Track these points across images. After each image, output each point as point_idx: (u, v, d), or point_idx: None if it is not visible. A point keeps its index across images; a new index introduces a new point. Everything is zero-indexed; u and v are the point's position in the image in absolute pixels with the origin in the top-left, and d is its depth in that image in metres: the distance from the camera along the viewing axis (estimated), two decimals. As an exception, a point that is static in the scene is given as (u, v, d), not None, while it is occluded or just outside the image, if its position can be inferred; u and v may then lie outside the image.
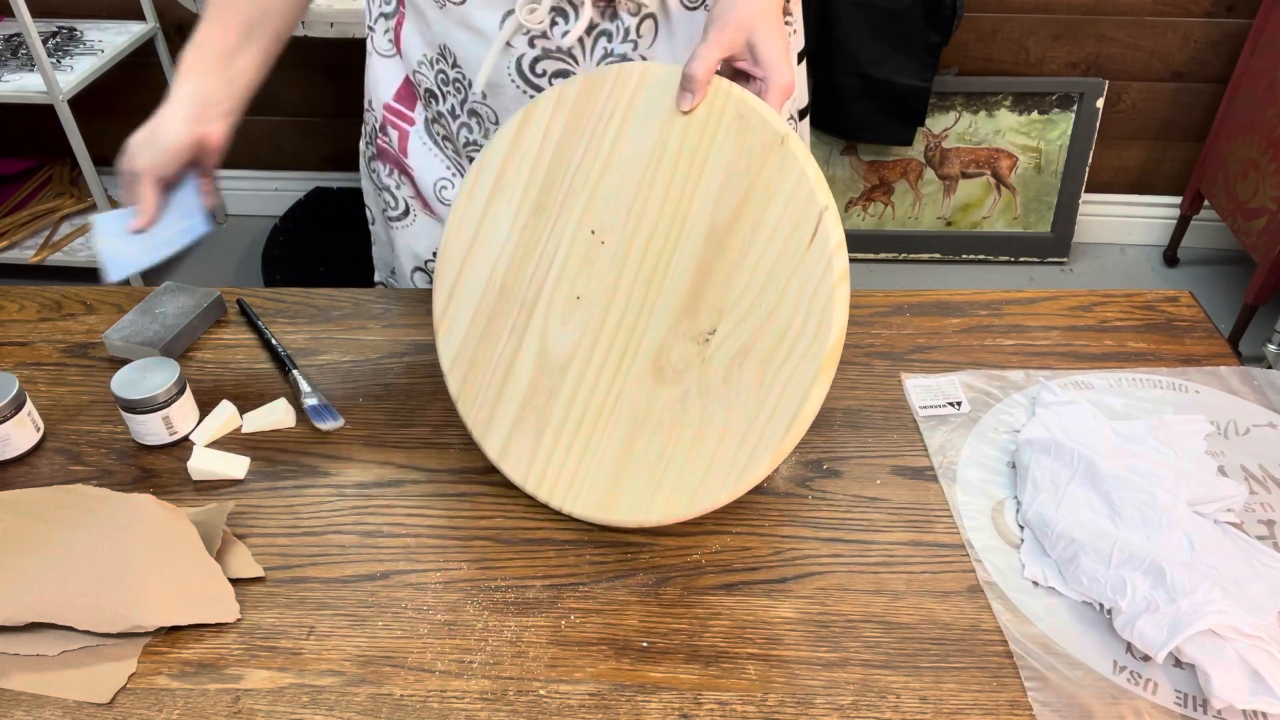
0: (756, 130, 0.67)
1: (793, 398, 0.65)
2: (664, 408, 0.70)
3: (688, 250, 0.69)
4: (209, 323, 0.98)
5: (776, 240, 0.65)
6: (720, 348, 0.68)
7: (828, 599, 0.70)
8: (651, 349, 0.70)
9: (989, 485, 0.78)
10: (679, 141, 0.69)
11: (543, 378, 0.75)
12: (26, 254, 2.37)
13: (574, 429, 0.73)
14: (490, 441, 0.78)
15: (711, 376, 0.68)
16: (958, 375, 0.88)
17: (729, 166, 0.67)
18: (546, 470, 0.75)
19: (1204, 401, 0.84)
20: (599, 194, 0.73)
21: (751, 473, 0.67)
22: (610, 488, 0.72)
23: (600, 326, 0.72)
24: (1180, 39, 2.25)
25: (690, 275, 0.69)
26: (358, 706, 0.64)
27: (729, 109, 0.68)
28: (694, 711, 0.63)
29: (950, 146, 2.36)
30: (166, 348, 0.92)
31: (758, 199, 0.66)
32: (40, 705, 0.64)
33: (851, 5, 2.12)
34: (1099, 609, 0.67)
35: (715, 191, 0.68)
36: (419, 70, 0.92)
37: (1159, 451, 0.76)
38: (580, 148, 0.73)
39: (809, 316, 0.64)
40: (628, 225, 0.71)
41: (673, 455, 0.70)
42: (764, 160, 0.66)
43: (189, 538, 0.72)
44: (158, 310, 0.96)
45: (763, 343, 0.66)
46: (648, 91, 0.71)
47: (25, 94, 2.10)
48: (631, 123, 0.71)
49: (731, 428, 0.67)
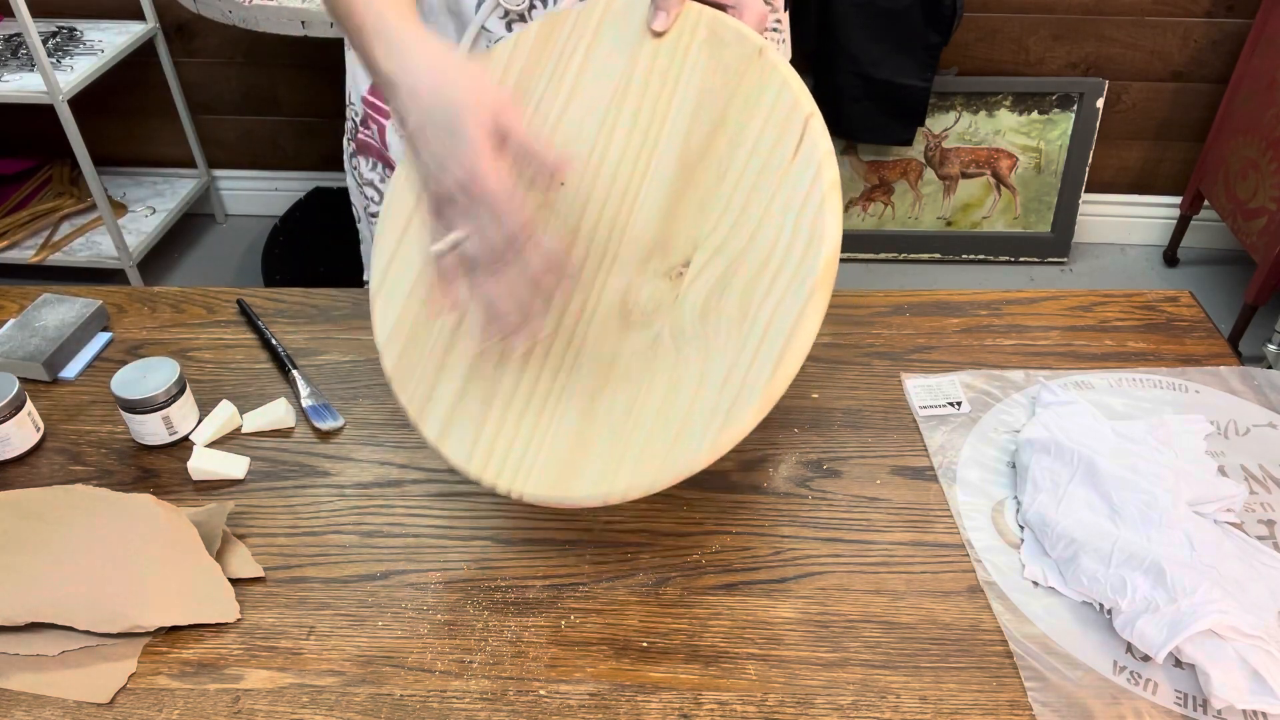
0: (732, 45, 0.62)
1: (781, 326, 0.57)
2: (632, 358, 0.61)
3: (657, 181, 0.63)
4: (92, 333, 0.95)
5: (757, 156, 0.59)
6: (696, 280, 0.60)
7: (828, 599, 0.70)
8: (618, 292, 0.62)
9: (989, 485, 0.78)
10: (648, 66, 0.64)
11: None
12: (26, 254, 2.37)
13: (526, 395, 0.64)
14: (429, 421, 0.67)
15: (686, 314, 0.60)
16: (958, 375, 0.88)
17: (702, 86, 0.62)
18: (494, 447, 0.64)
19: (1204, 401, 0.84)
20: (559, 133, 0.66)
21: (735, 425, 0.57)
22: (568, 459, 0.62)
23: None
24: (1180, 39, 2.25)
25: (660, 208, 0.62)
26: (358, 706, 0.64)
27: (701, 26, 0.63)
28: (694, 711, 0.63)
29: (950, 146, 2.36)
30: (49, 361, 0.90)
31: (735, 116, 0.61)
32: (40, 705, 0.64)
33: (851, 6, 2.12)
34: (1099, 609, 0.67)
35: (688, 115, 0.62)
36: None
37: (1159, 451, 0.76)
38: (541, 84, 0.67)
39: (797, 232, 0.57)
40: (590, 162, 0.65)
41: (642, 412, 0.60)
42: (741, 75, 0.61)
43: (189, 538, 0.72)
44: (37, 324, 0.93)
45: (745, 269, 0.58)
46: (613, 20, 0.66)
47: (25, 94, 2.10)
48: (596, 54, 0.66)
49: (710, 372, 0.58)
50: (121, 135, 2.66)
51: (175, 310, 1.00)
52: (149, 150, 2.69)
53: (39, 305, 0.97)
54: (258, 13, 1.76)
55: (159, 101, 2.56)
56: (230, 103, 2.59)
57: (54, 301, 0.97)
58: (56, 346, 0.91)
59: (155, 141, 2.67)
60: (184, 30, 2.46)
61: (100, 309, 0.97)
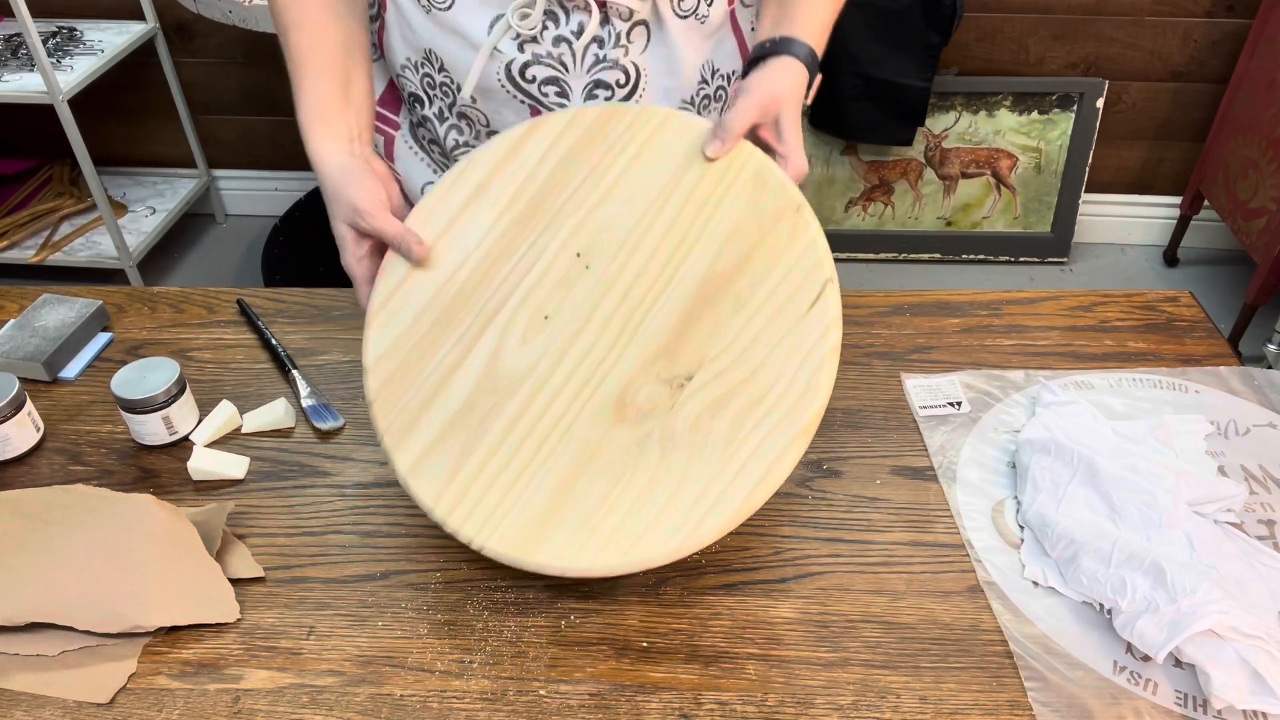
0: (774, 192, 0.68)
1: (763, 459, 0.62)
2: (618, 449, 0.65)
3: (679, 293, 0.67)
4: (92, 333, 0.96)
5: (774, 300, 0.65)
6: (694, 396, 0.65)
7: (828, 599, 0.70)
8: (618, 384, 0.66)
9: (989, 485, 0.78)
10: (691, 187, 0.69)
11: (484, 395, 0.68)
12: (26, 254, 2.37)
13: (508, 456, 0.66)
14: (402, 453, 0.68)
15: (678, 424, 0.64)
16: (958, 375, 0.88)
17: (738, 220, 0.68)
18: (465, 496, 0.66)
19: (1204, 401, 0.84)
20: (594, 219, 0.70)
21: (702, 532, 0.62)
22: (536, 528, 0.64)
23: (565, 351, 0.68)
24: (1180, 39, 2.25)
25: (676, 318, 0.67)
26: (358, 706, 0.64)
27: (749, 167, 0.69)
28: (694, 711, 0.63)
29: (950, 146, 2.36)
30: (49, 361, 0.90)
31: (762, 258, 0.66)
32: (40, 705, 0.64)
33: (851, 5, 2.11)
34: (1099, 609, 0.67)
35: (719, 242, 0.68)
36: (402, 74, 0.92)
37: (1159, 451, 0.76)
38: (584, 170, 0.72)
39: (795, 381, 0.63)
40: (619, 256, 0.69)
41: (617, 501, 0.64)
42: (776, 222, 0.67)
43: (189, 538, 0.72)
44: (37, 324, 0.94)
45: (741, 399, 0.64)
46: (668, 134, 0.71)
47: (25, 94, 2.10)
48: (644, 159, 0.71)
49: (689, 482, 0.63)
50: (121, 135, 2.66)
51: (175, 310, 1.00)
52: (149, 150, 2.69)
53: (39, 305, 0.97)
54: (258, 13, 1.76)
55: (159, 101, 2.56)
56: (230, 103, 2.59)
57: (54, 301, 0.97)
58: (56, 346, 0.91)
59: (155, 141, 2.67)
60: (184, 30, 2.46)
61: (100, 309, 0.97)
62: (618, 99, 0.85)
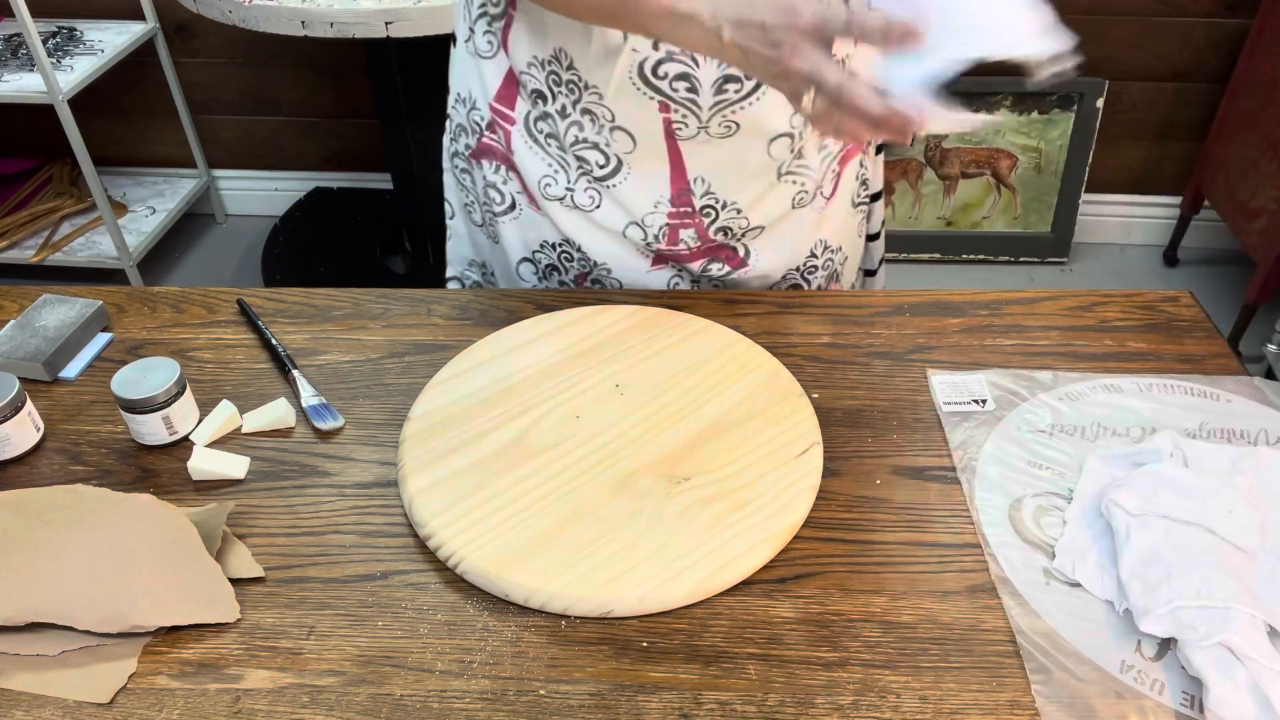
0: (785, 386, 0.85)
1: (734, 548, 0.71)
2: (611, 513, 0.74)
3: (692, 425, 0.81)
4: (92, 333, 0.96)
5: (771, 445, 0.79)
6: (689, 491, 0.75)
7: (828, 599, 0.70)
8: (625, 470, 0.77)
9: (1008, 483, 0.78)
10: (719, 366, 0.87)
11: (507, 453, 0.79)
12: (26, 254, 2.37)
13: (511, 498, 0.75)
14: (416, 479, 0.77)
15: (670, 508, 0.74)
16: (984, 373, 0.88)
17: (753, 391, 0.85)
18: (457, 518, 0.74)
19: (1235, 410, 0.83)
20: (636, 368, 0.87)
21: (663, 595, 0.68)
22: (516, 556, 0.71)
23: (587, 442, 0.80)
24: (1180, 39, 2.25)
25: (686, 439, 0.80)
26: (358, 706, 0.64)
27: (767, 369, 0.87)
28: (694, 711, 0.63)
29: (950, 146, 2.36)
30: (49, 361, 0.90)
31: (767, 418, 0.82)
32: (40, 705, 0.64)
33: (851, 5, 2.12)
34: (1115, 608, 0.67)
35: (735, 399, 0.84)
36: (527, 71, 0.94)
37: (1241, 493, 0.72)
38: (637, 340, 0.91)
39: (776, 499, 0.75)
40: (648, 394, 0.85)
41: (598, 550, 0.71)
42: (781, 401, 0.84)
43: (189, 538, 0.72)
44: (37, 324, 0.94)
45: (728, 501, 0.74)
46: (711, 334, 0.91)
47: (25, 94, 2.11)
48: (687, 344, 0.90)
49: (667, 549, 0.71)
50: (121, 135, 2.66)
51: (175, 310, 1.00)
52: (149, 150, 2.69)
53: (39, 305, 0.97)
54: (258, 13, 1.76)
55: (159, 101, 2.56)
56: (230, 103, 2.59)
57: (54, 302, 0.97)
58: (56, 346, 0.91)
59: (155, 141, 2.67)
60: (184, 30, 2.47)
61: (100, 309, 0.97)
62: (745, 91, 0.88)
